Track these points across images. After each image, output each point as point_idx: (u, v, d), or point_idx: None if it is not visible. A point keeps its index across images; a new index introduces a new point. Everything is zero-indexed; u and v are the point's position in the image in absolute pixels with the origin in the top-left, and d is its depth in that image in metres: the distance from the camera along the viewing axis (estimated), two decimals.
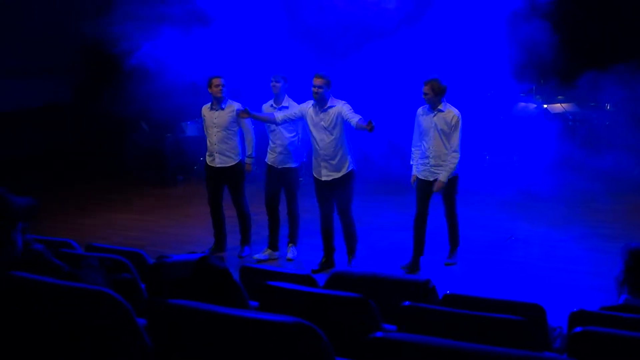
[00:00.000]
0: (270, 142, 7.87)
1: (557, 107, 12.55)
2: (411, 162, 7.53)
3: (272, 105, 7.81)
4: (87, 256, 4.23)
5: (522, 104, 12.38)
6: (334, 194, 7.42)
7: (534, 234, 8.66)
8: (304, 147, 7.91)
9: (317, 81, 7.14)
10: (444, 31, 10.17)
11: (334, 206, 7.51)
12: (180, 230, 9.50)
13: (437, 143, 7.20)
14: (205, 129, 8.11)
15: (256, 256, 7.95)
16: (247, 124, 7.90)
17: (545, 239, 8.46)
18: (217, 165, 8.00)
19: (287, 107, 7.69)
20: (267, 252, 7.99)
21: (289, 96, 7.83)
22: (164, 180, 12.49)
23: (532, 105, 12.40)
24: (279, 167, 7.80)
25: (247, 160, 8.01)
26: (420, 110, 7.38)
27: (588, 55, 11.76)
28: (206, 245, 8.29)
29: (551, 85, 12.52)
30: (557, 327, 4.10)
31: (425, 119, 7.26)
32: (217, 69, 8.86)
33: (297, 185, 7.92)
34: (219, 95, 7.83)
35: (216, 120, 7.92)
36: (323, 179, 7.36)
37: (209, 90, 7.89)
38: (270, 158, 7.90)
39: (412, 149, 7.52)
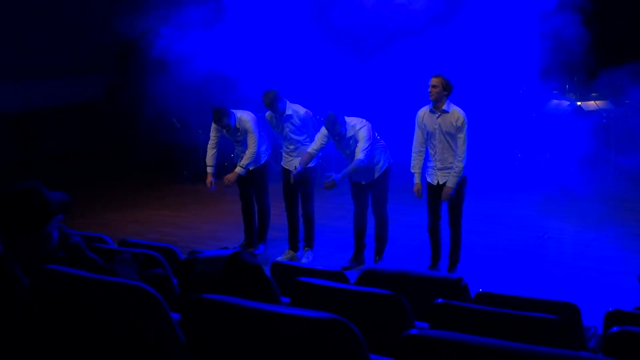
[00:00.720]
0: (284, 146, 7.89)
1: (591, 104, 12.37)
2: (412, 170, 7.11)
3: (275, 116, 7.80)
4: (120, 251, 4.26)
5: (555, 101, 12.23)
6: (370, 192, 7.45)
7: (567, 233, 8.56)
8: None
9: (334, 129, 7.06)
10: (475, 28, 10.10)
11: (369, 203, 7.50)
12: (212, 226, 9.55)
13: (442, 145, 6.88)
14: (212, 136, 8.16)
15: (279, 259, 7.94)
16: (253, 137, 7.83)
17: (579, 238, 8.36)
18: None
19: (291, 116, 7.67)
20: (289, 255, 7.98)
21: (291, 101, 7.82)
22: (196, 176, 12.57)
23: (566, 103, 12.24)
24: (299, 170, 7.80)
25: (238, 169, 7.91)
26: (421, 113, 6.99)
27: (623, 51, 11.58)
28: (237, 241, 8.32)
29: (585, 82, 12.36)
30: (591, 326, 4.05)
31: (429, 121, 6.91)
32: (246, 67, 8.89)
33: (313, 185, 7.87)
34: (230, 129, 7.89)
35: (234, 137, 8.03)
36: (363, 182, 7.39)
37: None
38: (287, 162, 7.89)
39: (413, 155, 7.09)
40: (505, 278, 7.10)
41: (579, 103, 12.33)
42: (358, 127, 7.11)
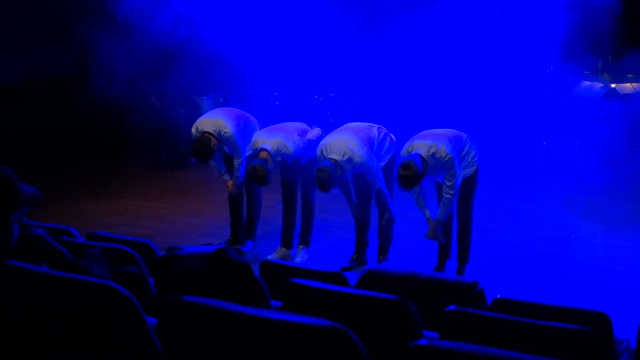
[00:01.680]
0: None
1: (627, 87, 12.33)
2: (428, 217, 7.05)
3: None
4: (90, 246, 4.25)
5: (586, 83, 12.20)
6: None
7: (597, 233, 8.52)
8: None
9: (330, 188, 6.97)
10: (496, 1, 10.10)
11: (372, 196, 7.46)
12: (194, 220, 9.54)
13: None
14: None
15: (269, 258, 7.92)
16: (237, 148, 7.82)
17: (610, 239, 8.32)
18: None
19: (281, 160, 7.63)
20: (281, 253, 7.95)
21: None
22: (176, 162, 12.55)
23: (598, 85, 12.21)
24: (302, 162, 7.76)
25: (235, 180, 7.97)
26: None
27: None
28: (223, 236, 8.32)
29: (620, 62, 12.30)
30: (623, 339, 4.05)
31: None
32: (233, 39, 8.83)
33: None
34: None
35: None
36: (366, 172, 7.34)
37: None
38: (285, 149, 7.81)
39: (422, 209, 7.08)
40: (527, 283, 7.10)
41: (613, 85, 12.29)
42: (357, 158, 6.93)
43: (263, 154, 7.47)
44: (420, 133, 7.00)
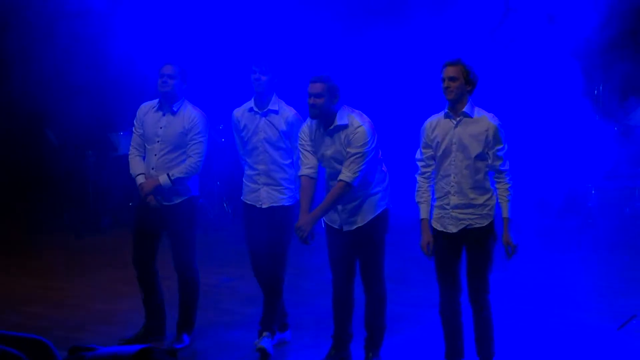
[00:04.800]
0: (247, 169, 7.87)
1: None
2: (417, 200, 7.02)
3: (251, 109, 7.76)
4: None
5: None
6: (356, 250, 7.33)
7: None
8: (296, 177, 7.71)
9: (315, 88, 7.05)
10: None
11: (355, 269, 7.44)
12: (108, 305, 9.50)
13: (461, 170, 6.84)
14: (135, 137, 8.15)
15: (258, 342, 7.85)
16: (200, 140, 7.89)
17: None
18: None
19: (276, 112, 7.69)
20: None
21: (279, 96, 7.80)
22: (82, 225, 12.48)
23: None
24: (266, 206, 7.82)
25: (162, 179, 7.86)
26: (431, 123, 6.99)
27: None
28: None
29: None
30: None
31: (442, 131, 6.87)
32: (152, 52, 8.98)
33: (289, 234, 7.74)
34: (166, 89, 7.89)
35: (162, 129, 7.97)
36: (344, 228, 7.32)
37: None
38: (250, 194, 7.88)
39: (418, 179, 7.05)
40: None
41: None
42: (356, 122, 7.10)
43: None
44: None
